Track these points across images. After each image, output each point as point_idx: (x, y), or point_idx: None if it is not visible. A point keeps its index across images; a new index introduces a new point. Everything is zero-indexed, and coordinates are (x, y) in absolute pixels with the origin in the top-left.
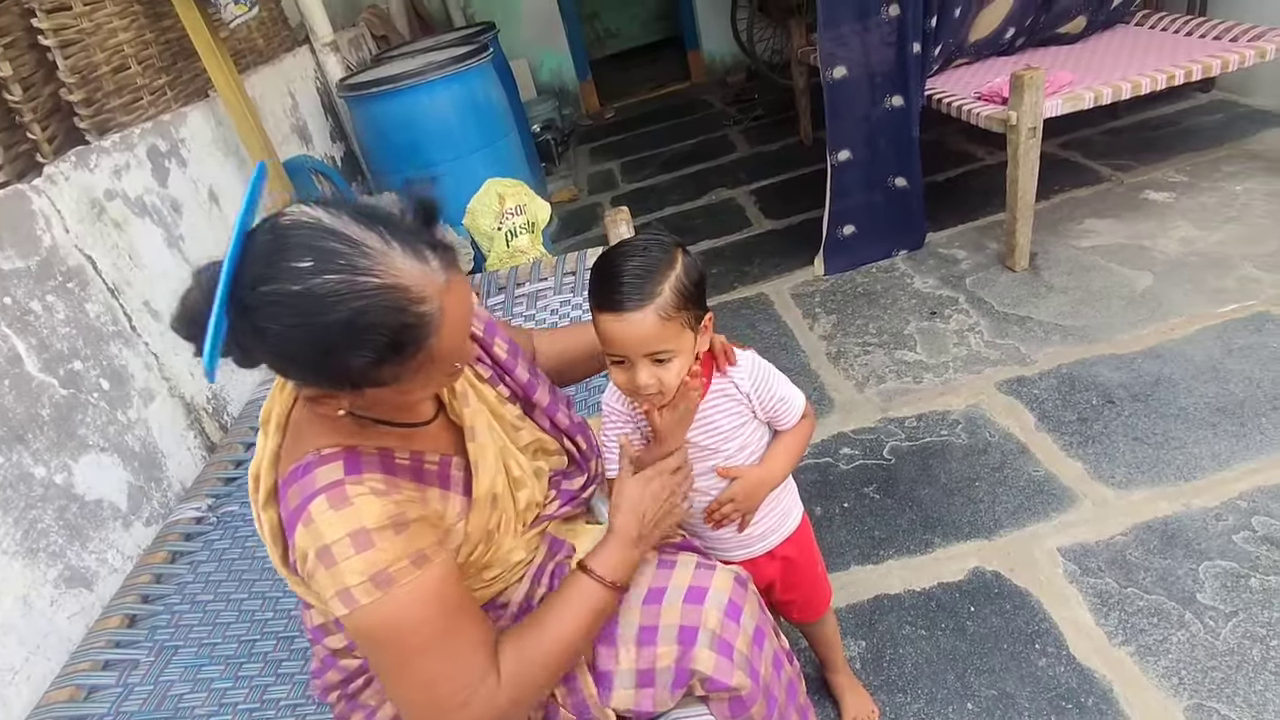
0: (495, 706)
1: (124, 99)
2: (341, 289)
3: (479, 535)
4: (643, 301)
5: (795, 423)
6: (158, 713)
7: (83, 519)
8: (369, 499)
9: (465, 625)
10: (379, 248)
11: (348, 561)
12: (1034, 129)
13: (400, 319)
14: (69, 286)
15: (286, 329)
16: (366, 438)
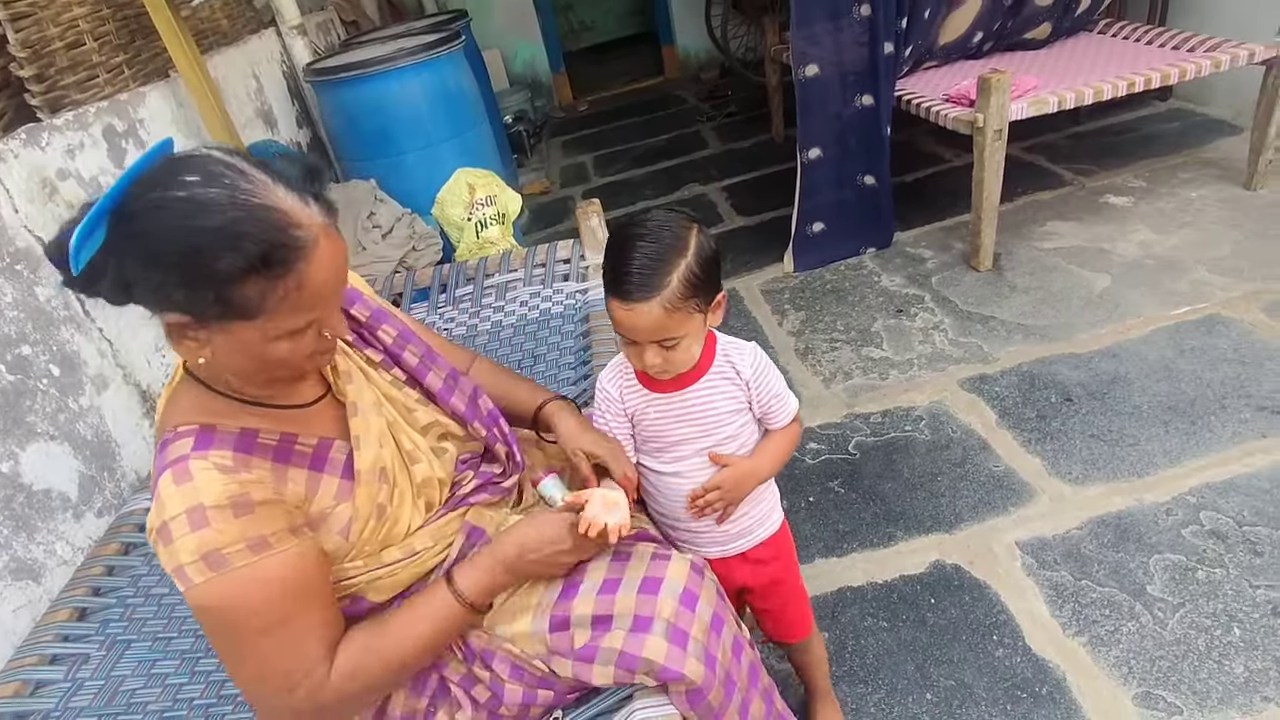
0: (319, 698)
1: (78, 76)
2: (222, 199)
3: (368, 510)
4: (649, 294)
5: (786, 424)
6: (109, 708)
7: (30, 509)
8: (211, 474)
9: (303, 613)
10: (264, 179)
11: (182, 539)
12: (999, 131)
13: (274, 235)
14: (17, 268)
15: (164, 229)
16: (231, 417)
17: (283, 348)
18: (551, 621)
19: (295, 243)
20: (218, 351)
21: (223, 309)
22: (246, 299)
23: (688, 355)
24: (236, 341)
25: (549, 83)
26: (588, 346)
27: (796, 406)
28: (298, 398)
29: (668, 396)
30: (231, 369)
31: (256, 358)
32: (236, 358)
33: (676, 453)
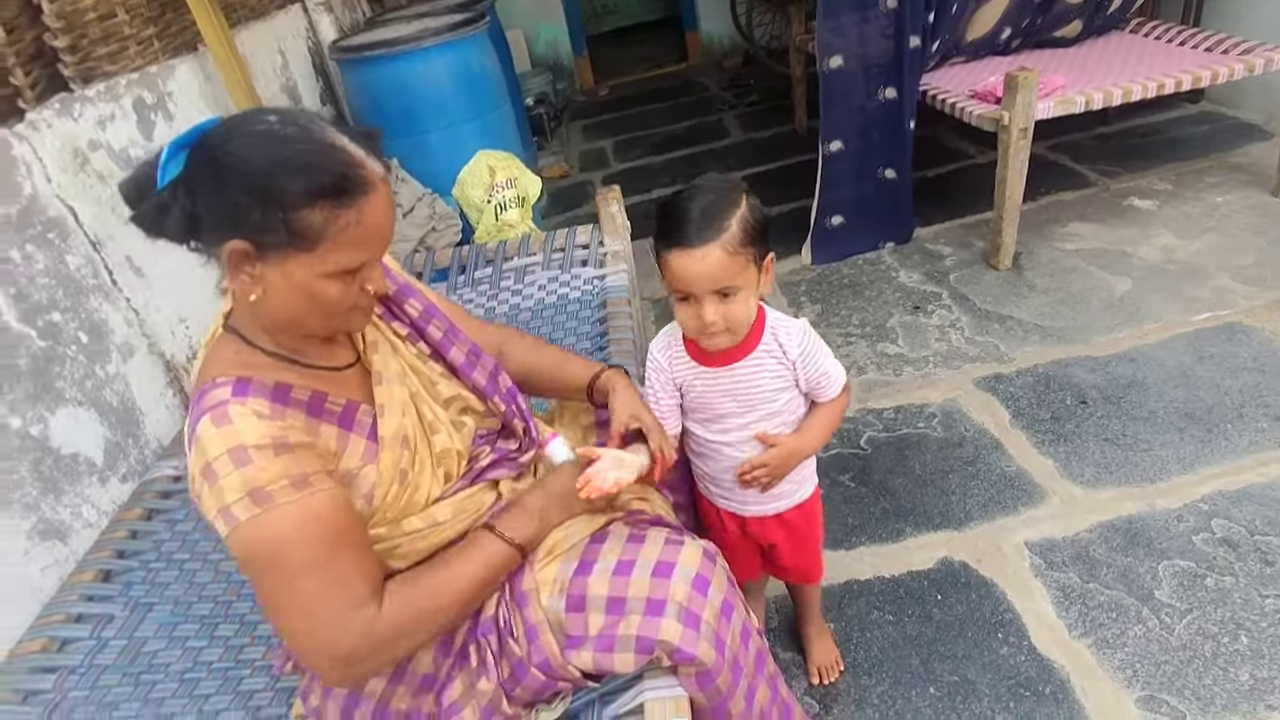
0: (374, 635)
1: (110, 48)
2: (299, 135)
3: (391, 474)
4: (711, 236)
5: (834, 396)
6: (132, 667)
7: (58, 472)
8: (250, 419)
9: (348, 552)
10: (332, 129)
11: (227, 478)
12: (1025, 130)
13: (343, 168)
14: (49, 237)
15: (245, 153)
16: (267, 370)
17: (331, 289)
18: (568, 601)
19: (360, 176)
20: (269, 290)
21: (287, 236)
22: (310, 225)
23: (745, 311)
24: (289, 279)
25: (571, 66)
26: (605, 333)
27: (844, 379)
28: (329, 360)
29: (714, 371)
30: (275, 312)
31: (304, 298)
32: (285, 298)
33: (722, 425)
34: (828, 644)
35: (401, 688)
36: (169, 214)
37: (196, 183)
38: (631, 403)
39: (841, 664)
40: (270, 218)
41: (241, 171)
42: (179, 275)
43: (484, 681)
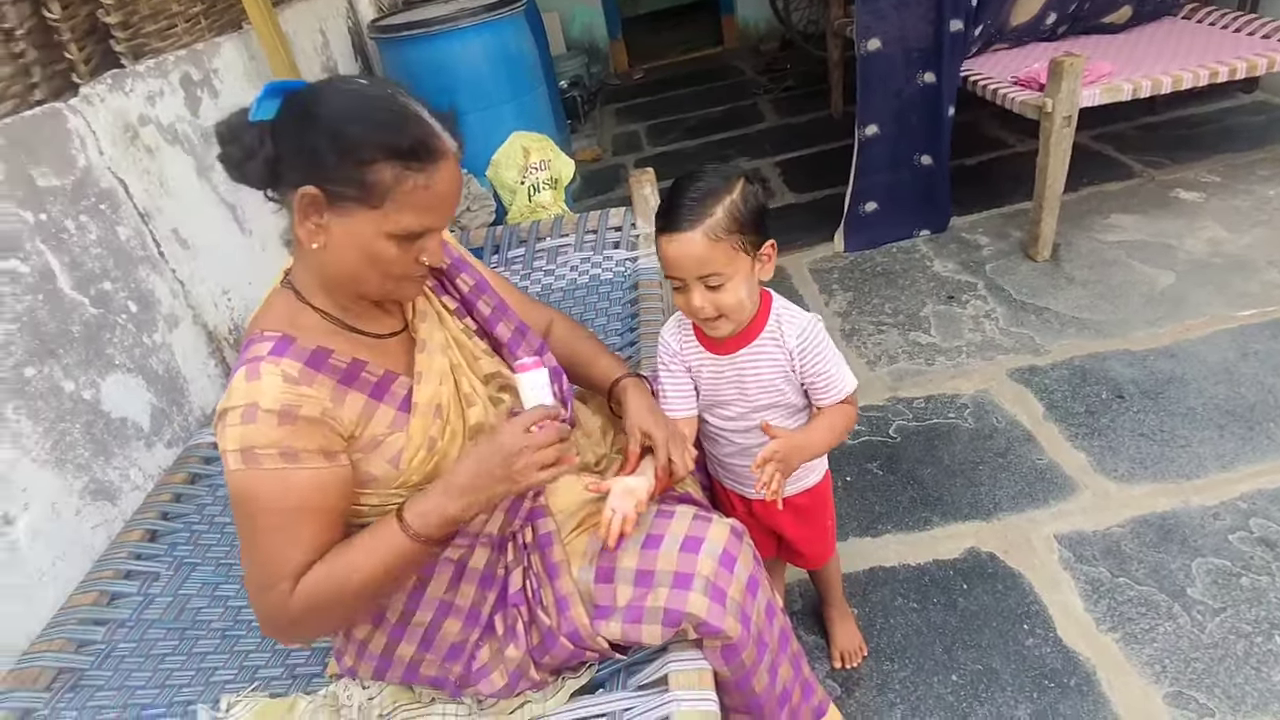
0: (284, 607)
1: (159, 24)
2: (385, 97)
3: (420, 440)
4: (694, 222)
5: (832, 402)
6: (177, 622)
7: (108, 435)
8: (275, 380)
9: (301, 527)
10: (416, 101)
11: (232, 428)
12: (1069, 118)
13: (421, 135)
14: (101, 208)
15: (334, 104)
16: (312, 332)
17: (389, 250)
18: (597, 572)
19: (435, 144)
20: (331, 242)
21: (358, 189)
22: (380, 181)
23: (735, 300)
24: (351, 233)
25: (605, 49)
26: (636, 314)
27: (851, 388)
28: (376, 326)
29: (719, 358)
30: (334, 265)
31: (362, 255)
32: (345, 252)
33: (725, 412)
34: (851, 629)
35: (430, 654)
36: (253, 157)
37: (283, 129)
38: (641, 417)
39: (865, 649)
40: (344, 168)
41: (325, 120)
42: (222, 250)
43: (511, 649)
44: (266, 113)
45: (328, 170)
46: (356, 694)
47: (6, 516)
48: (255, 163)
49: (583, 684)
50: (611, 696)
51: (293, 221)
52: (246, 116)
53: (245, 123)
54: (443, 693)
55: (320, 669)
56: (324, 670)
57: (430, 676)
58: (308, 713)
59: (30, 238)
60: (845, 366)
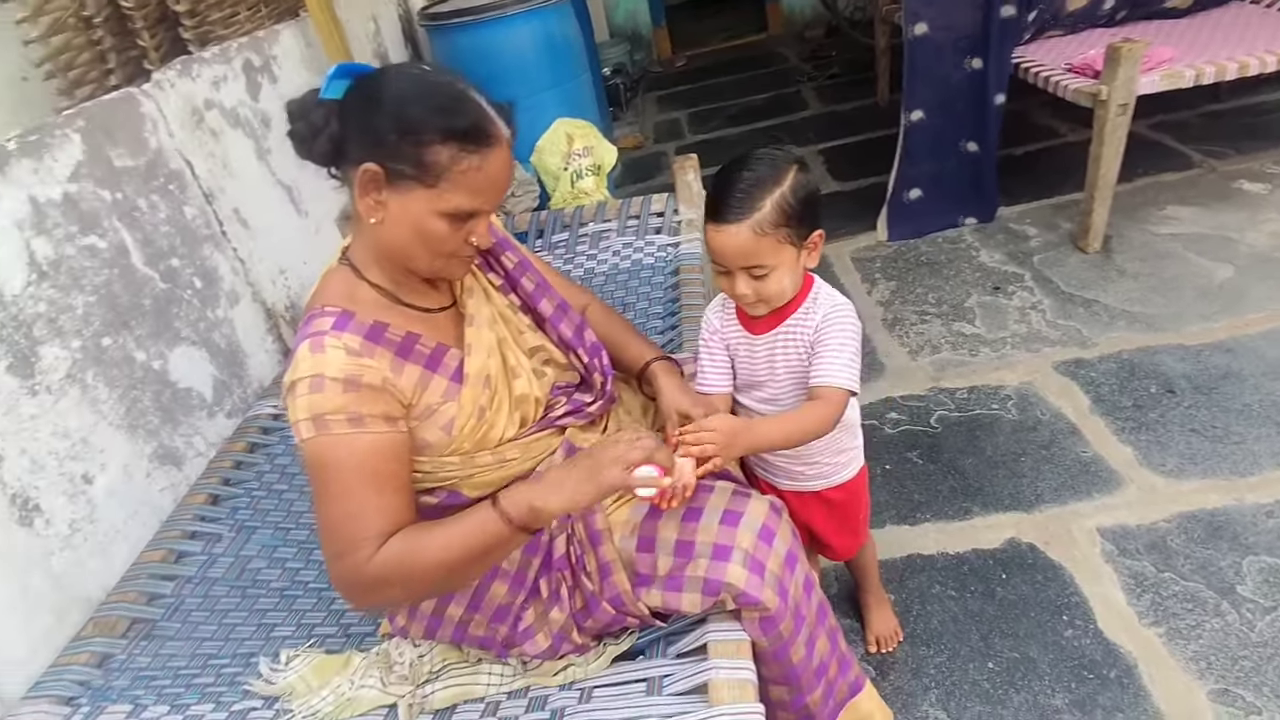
0: (360, 573)
1: (224, 13)
2: (446, 84)
3: (471, 409)
4: (742, 215)
5: (821, 384)
6: (239, 581)
7: (174, 404)
8: (338, 353)
9: (373, 494)
10: (474, 88)
11: (302, 398)
12: (1125, 105)
13: (479, 119)
14: (170, 188)
15: (398, 86)
16: (370, 308)
17: (440, 228)
18: (639, 541)
19: (490, 130)
20: (389, 216)
21: (415, 168)
22: (437, 161)
23: (778, 288)
24: (406, 210)
25: (649, 36)
26: (676, 299)
27: (840, 384)
28: (428, 301)
29: (754, 338)
30: (389, 240)
31: (415, 232)
32: (399, 228)
33: (756, 393)
34: (887, 614)
35: (478, 615)
36: (320, 135)
37: (349, 109)
38: (676, 398)
39: (900, 634)
40: (404, 146)
41: (389, 101)
42: (279, 230)
43: (556, 612)
44: (336, 92)
45: (389, 148)
46: (408, 652)
47: (86, 476)
48: (321, 140)
49: (623, 649)
50: (651, 662)
51: (353, 197)
52: (316, 96)
53: (315, 101)
54: (489, 653)
55: (373, 628)
56: (376, 630)
57: (478, 636)
58: (361, 669)
59: (108, 215)
60: (852, 367)
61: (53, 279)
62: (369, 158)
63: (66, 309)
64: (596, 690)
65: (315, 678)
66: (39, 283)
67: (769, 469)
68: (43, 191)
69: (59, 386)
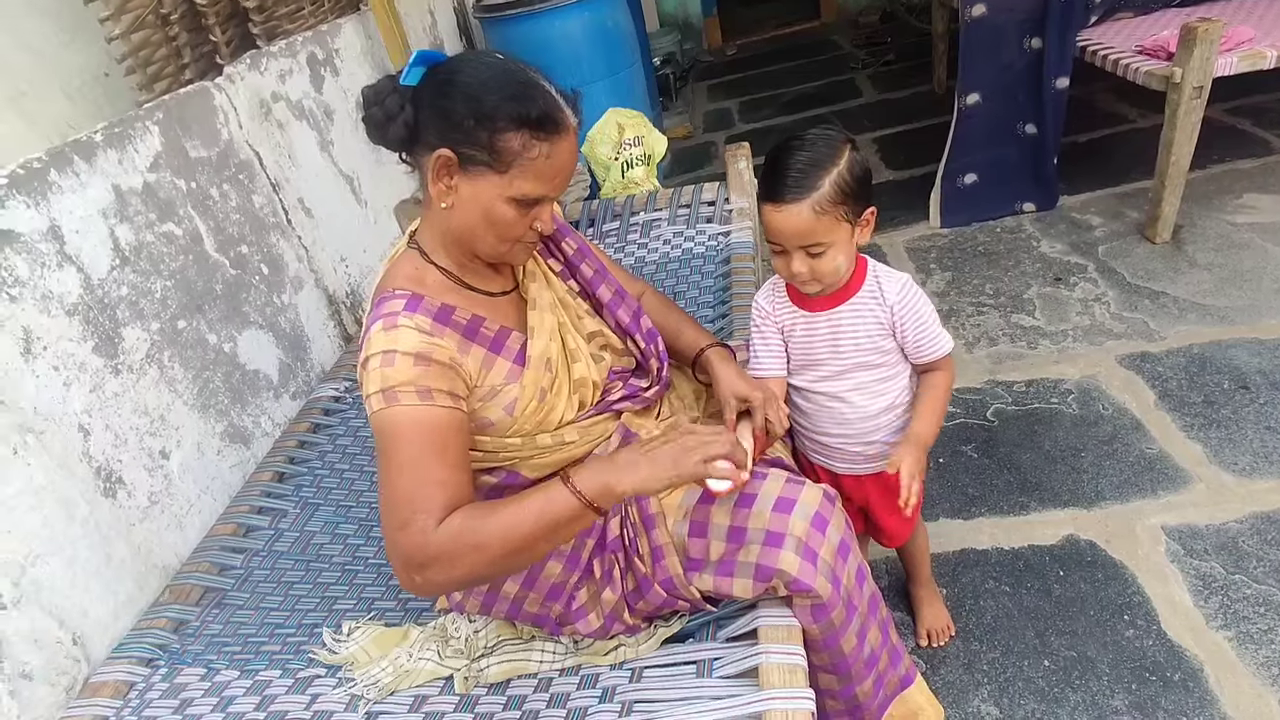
0: (423, 544)
1: (289, 7)
2: (521, 72)
3: (533, 391)
4: (801, 194)
5: (936, 358)
6: (303, 555)
7: (243, 385)
8: (410, 331)
9: (439, 467)
10: (544, 77)
11: (374, 371)
12: (1200, 88)
13: (550, 107)
14: (240, 178)
15: (474, 74)
16: (437, 292)
17: (508, 213)
18: (691, 526)
19: (560, 118)
20: (459, 201)
21: (487, 154)
22: (509, 147)
23: (833, 266)
24: (477, 195)
25: (699, 25)
26: (728, 287)
27: (949, 346)
28: (490, 285)
29: (814, 316)
30: (458, 223)
31: (483, 216)
32: (469, 212)
33: (817, 371)
34: (939, 608)
35: (533, 593)
36: (394, 121)
37: (425, 96)
38: (733, 383)
39: (952, 628)
40: (478, 132)
41: (463, 88)
42: (340, 219)
43: (608, 592)
44: (414, 78)
45: (463, 134)
46: (464, 627)
47: (164, 451)
48: (396, 125)
49: (674, 632)
50: (701, 645)
51: (426, 181)
52: (393, 82)
53: (391, 87)
54: (543, 630)
55: (430, 603)
56: (433, 605)
57: (532, 614)
58: (419, 642)
59: (183, 203)
60: (942, 327)
61: (134, 264)
62: (443, 143)
63: (146, 293)
64: (647, 671)
65: (375, 648)
66: (122, 267)
67: (826, 453)
68: (125, 181)
69: (140, 366)
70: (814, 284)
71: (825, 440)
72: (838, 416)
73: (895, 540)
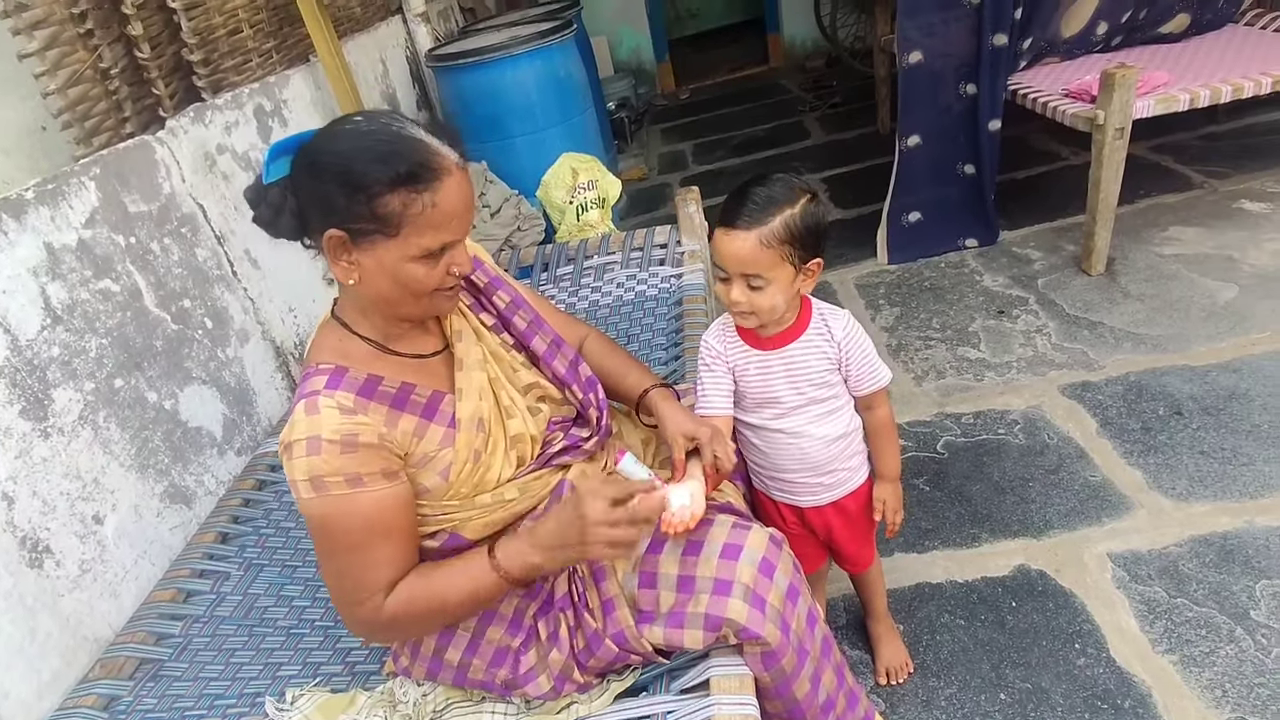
0: (376, 620)
1: (236, 60)
2: (379, 130)
3: (466, 454)
4: (751, 224)
5: (876, 389)
6: (246, 620)
7: (185, 443)
8: (332, 412)
9: (378, 545)
10: (412, 122)
11: (299, 459)
12: (1121, 129)
13: (418, 157)
14: (183, 231)
15: (333, 151)
16: (362, 362)
17: (417, 271)
18: (641, 577)
19: (435, 164)
20: (364, 274)
21: (373, 221)
22: (391, 210)
23: (770, 304)
24: (380, 263)
25: (653, 70)
26: (680, 329)
27: (889, 377)
28: (420, 347)
29: (766, 354)
30: (372, 294)
31: (393, 280)
32: (378, 281)
33: (773, 409)
34: (897, 645)
35: (476, 660)
36: (282, 214)
37: (298, 181)
38: (679, 422)
39: (910, 665)
40: (356, 204)
41: (330, 164)
42: (288, 269)
43: (555, 653)
44: (278, 173)
45: (341, 210)
46: (412, 691)
47: (97, 516)
48: (284, 218)
49: (626, 686)
50: (654, 699)
51: (328, 263)
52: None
53: (265, 185)
54: (492, 695)
55: (378, 667)
56: (381, 669)
57: (478, 680)
58: (366, 707)
59: (121, 259)
60: (877, 355)
61: (67, 323)
62: (329, 224)
63: (80, 352)
64: None
65: (321, 717)
66: (53, 327)
67: (790, 488)
68: (58, 238)
69: (71, 429)
70: (751, 317)
71: (786, 476)
72: (796, 453)
73: (859, 565)
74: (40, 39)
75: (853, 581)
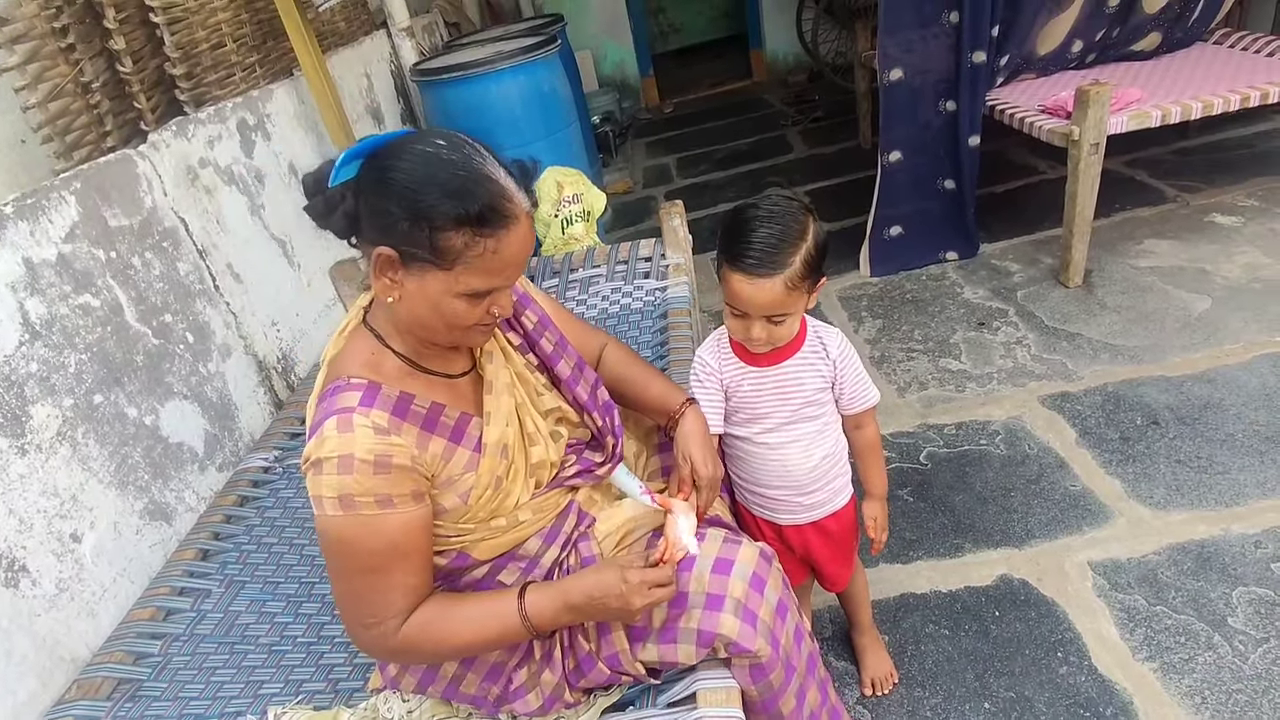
0: (386, 644)
1: (219, 74)
2: (459, 161)
3: (488, 480)
4: (774, 270)
5: (865, 408)
6: (227, 637)
7: (165, 459)
8: (367, 431)
9: (400, 570)
10: (493, 160)
11: (329, 477)
12: (1096, 145)
13: (492, 200)
14: (164, 246)
15: (409, 170)
16: (394, 379)
17: (459, 307)
18: None
19: (506, 211)
20: (406, 295)
21: (429, 252)
22: (451, 246)
23: (789, 331)
24: (424, 289)
25: (637, 85)
26: (665, 342)
27: (878, 397)
28: (450, 367)
29: (762, 370)
30: (407, 316)
31: (433, 310)
32: (417, 306)
33: (762, 424)
34: (882, 656)
35: (471, 674)
36: (335, 211)
37: (363, 188)
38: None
39: (895, 676)
40: (417, 233)
41: (401, 185)
42: (271, 283)
43: (547, 673)
44: (346, 175)
45: (401, 233)
46: (396, 706)
47: (75, 534)
48: (337, 216)
49: (613, 701)
50: (641, 713)
51: (370, 272)
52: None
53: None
54: (480, 711)
55: (361, 684)
56: (365, 685)
57: (469, 695)
58: None
59: (101, 274)
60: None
61: (45, 338)
62: (383, 241)
63: (59, 367)
64: None
65: None
66: (31, 342)
67: (770, 506)
68: (37, 253)
69: (49, 445)
70: (767, 345)
71: (768, 492)
72: (780, 469)
73: (837, 584)
74: (20, 53)
75: (840, 599)
